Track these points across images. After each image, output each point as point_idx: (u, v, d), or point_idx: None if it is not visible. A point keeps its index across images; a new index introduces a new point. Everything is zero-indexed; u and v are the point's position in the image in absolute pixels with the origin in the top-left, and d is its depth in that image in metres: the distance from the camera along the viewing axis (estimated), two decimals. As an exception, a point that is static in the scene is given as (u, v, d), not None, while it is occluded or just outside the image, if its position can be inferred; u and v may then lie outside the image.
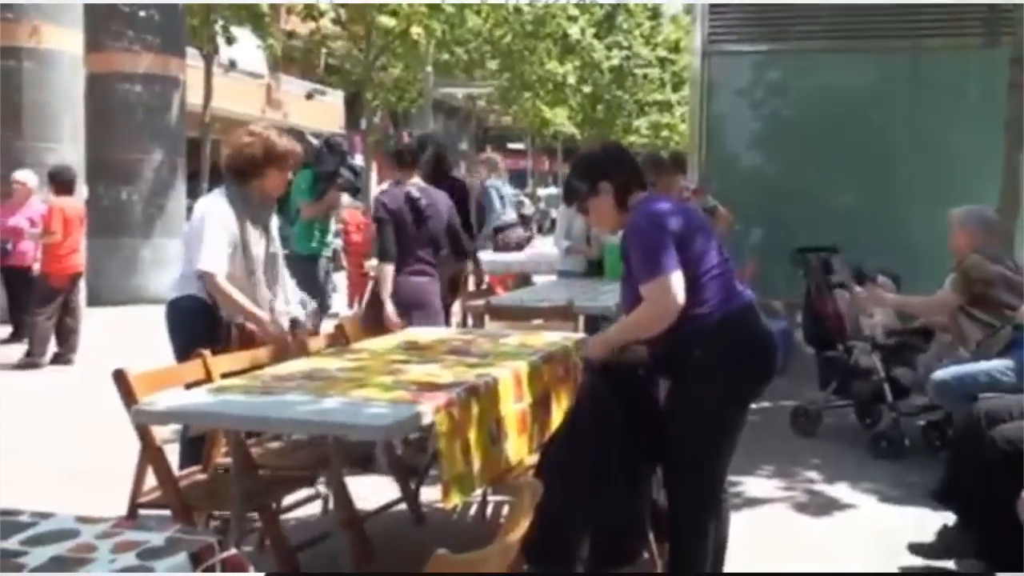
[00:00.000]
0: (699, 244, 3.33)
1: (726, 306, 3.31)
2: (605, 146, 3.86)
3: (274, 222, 4.72)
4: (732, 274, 3.43)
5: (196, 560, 1.83)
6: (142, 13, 14.21)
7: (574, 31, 33.20)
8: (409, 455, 4.85)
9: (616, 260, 6.46)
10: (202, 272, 4.28)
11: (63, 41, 12.16)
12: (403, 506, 4.64)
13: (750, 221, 9.63)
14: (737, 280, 3.46)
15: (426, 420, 3.08)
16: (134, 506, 3.63)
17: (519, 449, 3.58)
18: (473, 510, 4.78)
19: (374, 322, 5.52)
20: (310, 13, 21.47)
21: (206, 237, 4.34)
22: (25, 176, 10.04)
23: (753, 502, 5.11)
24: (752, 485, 5.36)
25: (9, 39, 11.78)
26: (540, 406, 3.79)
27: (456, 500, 3.19)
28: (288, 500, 4.13)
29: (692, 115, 10.71)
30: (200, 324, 4.34)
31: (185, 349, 4.20)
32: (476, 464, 3.26)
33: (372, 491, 4.86)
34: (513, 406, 3.58)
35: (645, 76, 38.01)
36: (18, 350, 9.37)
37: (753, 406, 3.46)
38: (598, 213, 3.56)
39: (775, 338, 3.48)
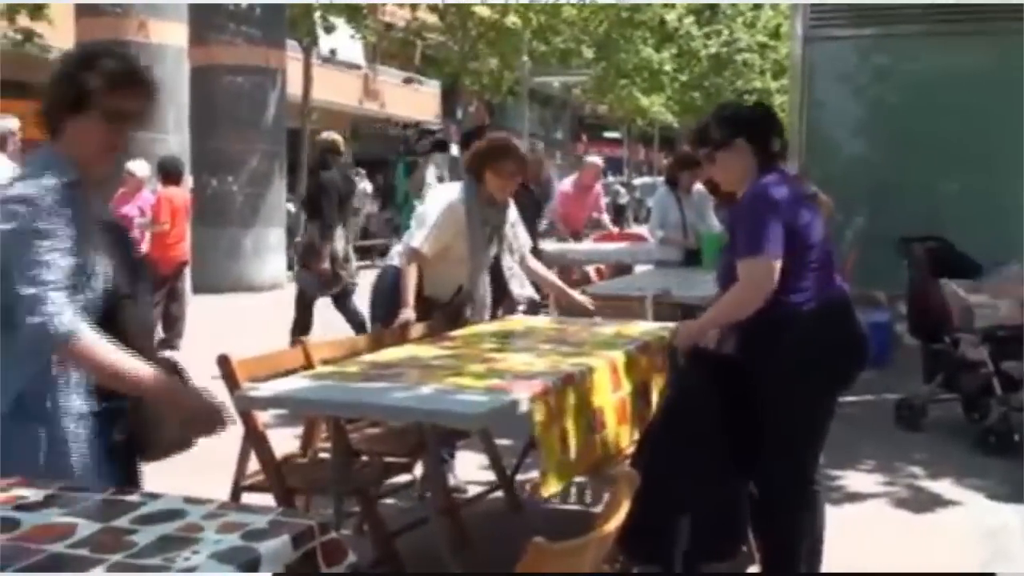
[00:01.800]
0: (808, 233, 3.27)
1: (821, 297, 3.26)
2: (758, 105, 3.73)
3: (511, 216, 4.91)
4: (832, 267, 3.37)
5: (297, 542, 1.86)
6: (243, 6, 14.50)
7: (671, 18, 32.87)
8: None
9: (713, 249, 6.36)
10: (410, 248, 4.53)
11: (168, 35, 12.49)
12: (500, 493, 4.67)
13: (851, 210, 9.41)
14: (836, 273, 3.40)
15: (521, 409, 3.09)
16: (237, 489, 3.71)
17: (619, 438, 3.56)
18: (570, 498, 4.78)
19: None
20: (407, 3, 21.67)
21: (429, 220, 4.62)
22: (137, 166, 10.34)
23: (853, 496, 5.00)
24: (852, 479, 5.25)
25: (118, 33, 12.13)
26: (639, 396, 3.76)
27: (553, 488, 3.19)
28: (386, 485, 4.18)
29: (792, 102, 10.51)
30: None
31: (386, 315, 4.53)
32: (573, 453, 3.26)
33: (469, 477, 4.91)
34: (611, 395, 3.57)
35: (745, 63, 37.44)
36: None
37: (855, 399, 3.40)
38: (725, 168, 3.43)
39: (867, 332, 3.42)
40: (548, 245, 9.65)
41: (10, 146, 6.86)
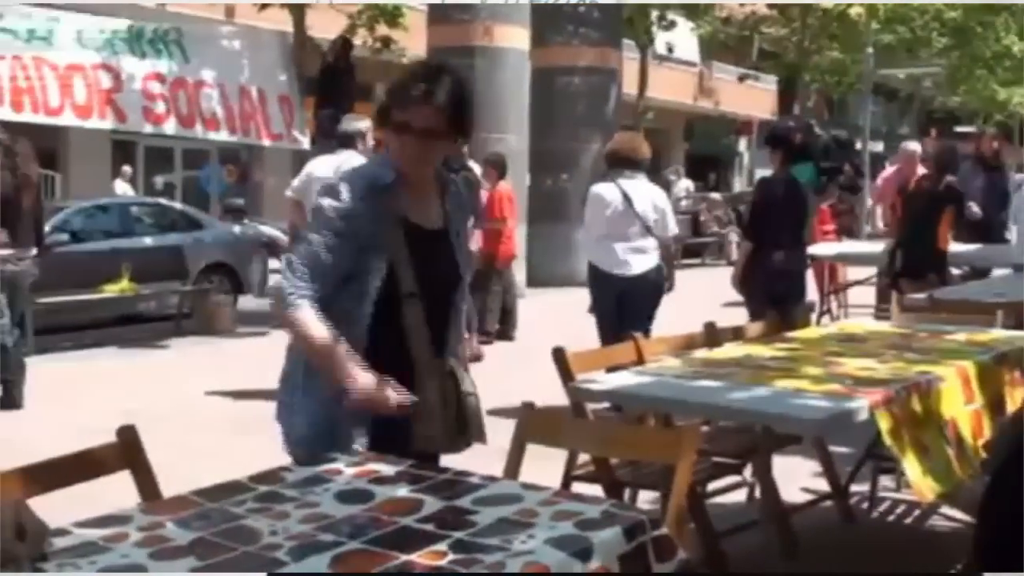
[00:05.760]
0: None
1: None
2: None
3: None
4: None
5: (629, 535, 1.87)
6: (582, 8, 14.82)
7: (1040, 0, 30.15)
8: None
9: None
10: (677, 235, 4.99)
11: (512, 39, 13.00)
12: (831, 502, 4.49)
13: None
14: None
15: (860, 417, 2.95)
16: (568, 478, 3.80)
17: (976, 453, 3.32)
18: (901, 513, 4.53)
19: None
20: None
21: (670, 210, 5.92)
22: (475, 168, 10.83)
23: None
24: None
25: (464, 39, 12.78)
26: (994, 409, 3.48)
27: (930, 495, 3.05)
28: (713, 485, 4.13)
29: None
30: None
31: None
32: (940, 459, 3.07)
33: (800, 484, 4.75)
34: (963, 407, 3.32)
35: None
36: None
37: None
38: None
39: None
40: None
41: (360, 145, 7.39)
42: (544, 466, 3.90)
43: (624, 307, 5.82)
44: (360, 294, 2.53)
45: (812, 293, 9.47)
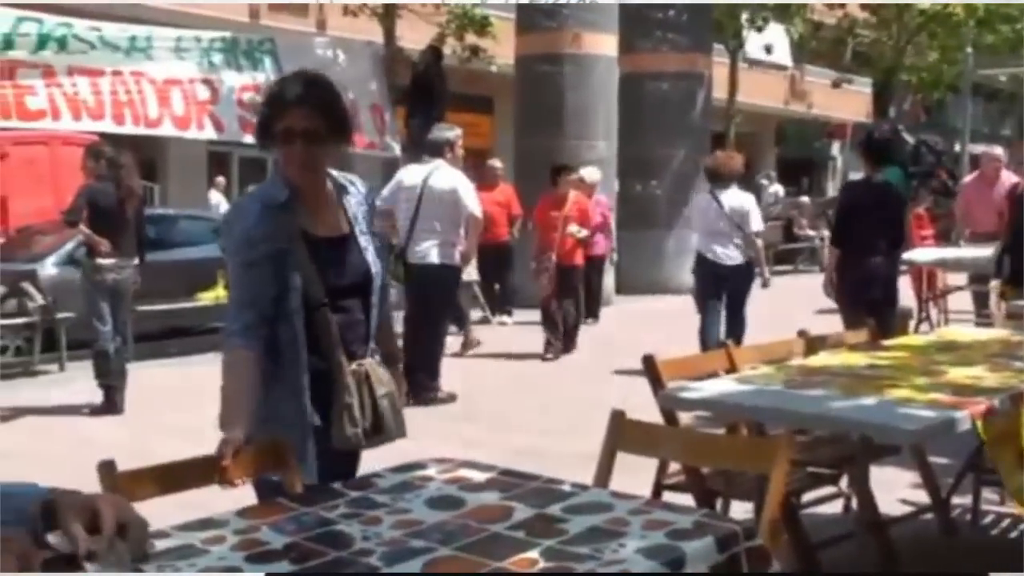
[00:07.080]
0: None
1: None
2: None
3: None
4: None
5: (722, 545, 1.85)
6: (671, 13, 14.72)
7: None
8: None
9: None
10: (768, 241, 5.02)
11: (600, 45, 12.97)
12: (931, 515, 4.36)
13: None
14: None
15: (961, 427, 2.86)
16: (659, 487, 3.76)
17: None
18: (1004, 527, 4.38)
19: None
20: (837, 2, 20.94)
21: (755, 211, 7.48)
22: (589, 173, 10.72)
23: None
24: None
25: (553, 47, 12.80)
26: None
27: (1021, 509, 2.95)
28: (808, 496, 4.05)
29: None
30: None
31: None
32: None
33: (898, 495, 4.64)
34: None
35: None
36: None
37: None
38: None
39: None
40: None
41: (449, 154, 7.36)
42: (634, 474, 3.88)
43: (722, 290, 7.65)
44: (285, 314, 2.60)
45: (910, 299, 9.26)
